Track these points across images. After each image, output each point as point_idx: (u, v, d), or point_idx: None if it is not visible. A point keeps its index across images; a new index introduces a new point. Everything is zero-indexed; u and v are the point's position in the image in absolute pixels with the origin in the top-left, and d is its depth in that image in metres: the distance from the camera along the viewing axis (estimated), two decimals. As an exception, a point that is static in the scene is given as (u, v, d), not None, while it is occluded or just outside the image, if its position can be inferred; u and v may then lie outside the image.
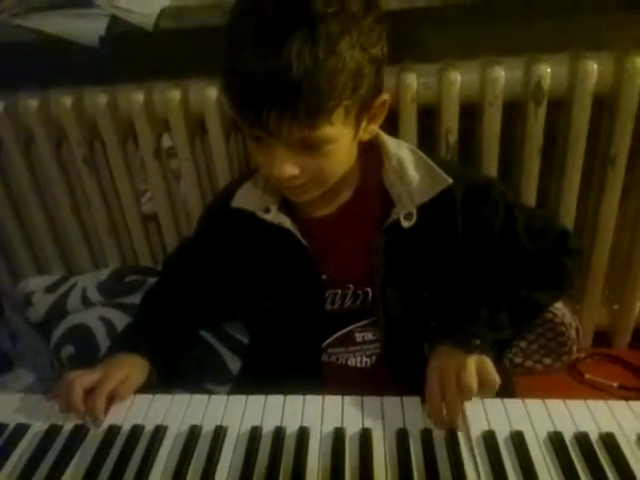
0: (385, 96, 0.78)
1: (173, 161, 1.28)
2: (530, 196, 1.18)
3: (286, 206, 0.87)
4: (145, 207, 1.35)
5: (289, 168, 0.74)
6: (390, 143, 0.86)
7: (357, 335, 0.92)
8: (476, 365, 0.74)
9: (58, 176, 1.30)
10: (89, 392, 0.79)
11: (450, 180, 0.82)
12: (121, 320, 1.23)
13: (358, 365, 0.92)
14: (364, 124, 0.78)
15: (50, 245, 1.40)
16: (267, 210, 0.87)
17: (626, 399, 0.75)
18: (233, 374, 1.17)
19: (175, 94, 1.16)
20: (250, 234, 0.90)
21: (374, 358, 0.92)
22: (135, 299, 1.23)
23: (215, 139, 1.19)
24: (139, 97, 1.17)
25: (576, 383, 1.17)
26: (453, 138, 1.13)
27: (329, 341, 0.92)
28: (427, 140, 1.14)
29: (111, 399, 0.80)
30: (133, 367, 0.85)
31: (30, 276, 1.41)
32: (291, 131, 0.69)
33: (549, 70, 1.07)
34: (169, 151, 1.27)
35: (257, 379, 0.97)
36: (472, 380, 0.72)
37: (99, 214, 1.33)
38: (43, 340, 1.30)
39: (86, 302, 1.28)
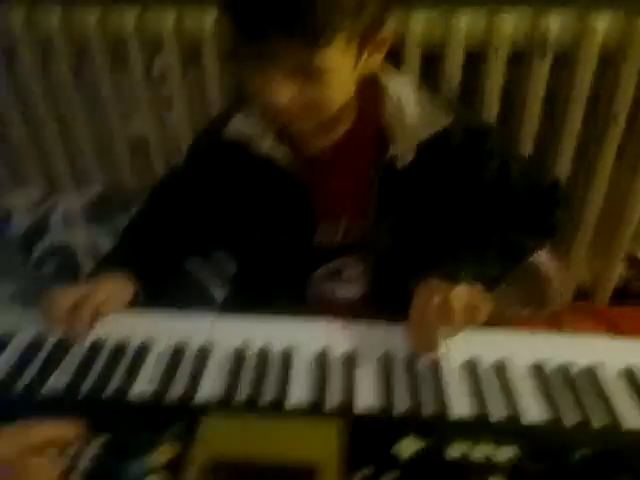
0: (389, 31, 0.76)
1: (165, 86, 1.24)
2: (527, 147, 1.18)
3: (282, 137, 0.85)
4: (133, 130, 1.32)
5: (284, 94, 0.72)
6: (393, 79, 0.85)
7: (345, 269, 0.93)
8: (463, 291, 0.74)
9: (44, 88, 1.26)
10: (74, 307, 0.79)
11: (449, 119, 0.81)
12: (103, 241, 1.24)
13: (346, 296, 0.93)
14: (365, 56, 0.76)
15: (32, 160, 1.37)
16: (262, 139, 0.85)
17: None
18: (216, 301, 1.18)
19: (170, 14, 1.12)
20: (241, 165, 0.88)
21: (362, 291, 0.93)
22: (118, 222, 1.24)
23: (210, 65, 1.16)
24: (132, 15, 1.13)
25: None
26: (455, 85, 1.12)
27: (317, 273, 0.93)
28: (429, 86, 1.10)
29: (95, 316, 0.80)
30: (120, 285, 0.85)
31: (10, 190, 1.39)
32: (288, 53, 0.68)
33: (557, 22, 1.06)
34: (161, 75, 1.23)
35: (242, 308, 0.95)
36: (456, 302, 0.72)
37: (85, 132, 1.30)
38: (25, 254, 1.30)
39: (68, 222, 1.28)
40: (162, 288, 0.96)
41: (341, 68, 0.72)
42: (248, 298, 0.99)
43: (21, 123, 1.33)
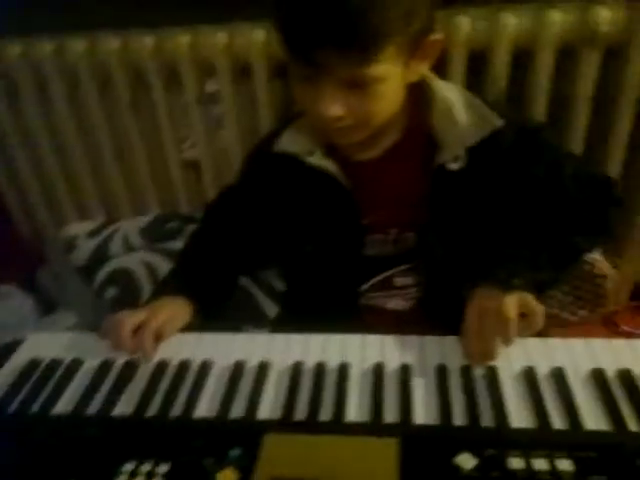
0: (437, 35, 0.76)
1: (216, 107, 1.27)
2: (577, 146, 1.15)
3: (330, 149, 0.86)
4: (187, 154, 1.35)
5: (336, 107, 0.73)
6: (439, 84, 0.84)
7: (396, 280, 0.92)
8: (517, 300, 0.72)
9: (102, 121, 1.30)
10: (137, 330, 0.81)
11: (501, 121, 0.80)
12: (162, 264, 1.26)
13: (397, 308, 0.93)
14: (414, 64, 0.76)
15: (93, 191, 1.43)
16: (311, 153, 0.86)
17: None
18: (269, 318, 1.19)
19: (221, 37, 1.15)
20: (293, 178, 0.90)
21: (413, 302, 0.92)
22: (175, 245, 1.27)
23: (259, 85, 1.17)
24: (185, 40, 1.17)
25: (611, 335, 1.15)
26: (502, 84, 1.10)
27: (368, 285, 0.93)
28: (475, 86, 1.11)
29: (158, 337, 0.82)
30: (178, 308, 0.87)
31: (73, 222, 1.44)
32: (341, 67, 0.68)
33: (606, 14, 1.03)
34: (212, 97, 1.26)
35: (294, 322, 0.96)
36: (511, 311, 0.71)
37: (141, 160, 1.34)
38: (86, 283, 1.34)
39: (128, 247, 1.32)
40: (218, 308, 0.98)
41: (392, 77, 0.73)
42: (300, 313, 0.99)
43: (81, 153, 1.38)
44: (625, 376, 0.70)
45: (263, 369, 0.76)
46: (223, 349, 0.81)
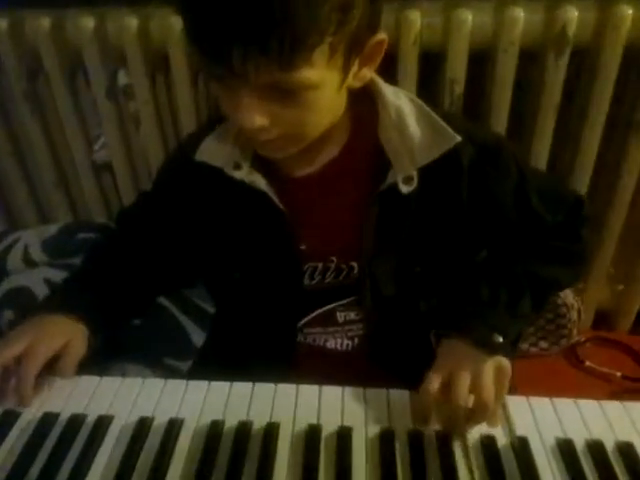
0: (382, 35, 0.67)
1: (131, 103, 1.17)
2: (541, 159, 1.11)
3: (260, 162, 0.77)
4: (98, 155, 1.25)
5: (258, 118, 0.63)
6: (388, 91, 0.76)
7: (338, 314, 0.84)
8: (494, 373, 0.67)
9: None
10: (16, 363, 0.70)
11: (459, 138, 0.72)
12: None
13: (337, 348, 0.85)
14: (355, 68, 0.67)
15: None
16: (237, 166, 0.76)
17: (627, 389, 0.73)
18: (197, 348, 1.09)
19: (132, 21, 1.04)
20: (217, 192, 0.80)
21: (356, 341, 0.85)
22: (84, 259, 1.14)
23: (179, 78, 1.09)
24: (89, 23, 1.06)
25: (573, 369, 1.11)
26: (459, 89, 1.05)
27: (306, 320, 0.85)
28: (428, 90, 1.05)
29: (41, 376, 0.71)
30: (72, 334, 0.74)
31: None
32: (260, 71, 0.59)
33: (576, 14, 0.98)
34: (126, 90, 1.16)
35: (222, 357, 0.89)
36: (490, 391, 0.65)
37: (45, 161, 1.23)
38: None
39: (29, 262, 1.19)
40: (123, 331, 0.89)
41: (326, 83, 0.64)
42: (228, 346, 0.90)
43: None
44: (596, 449, 0.63)
45: (172, 430, 0.65)
46: (126, 400, 0.70)
